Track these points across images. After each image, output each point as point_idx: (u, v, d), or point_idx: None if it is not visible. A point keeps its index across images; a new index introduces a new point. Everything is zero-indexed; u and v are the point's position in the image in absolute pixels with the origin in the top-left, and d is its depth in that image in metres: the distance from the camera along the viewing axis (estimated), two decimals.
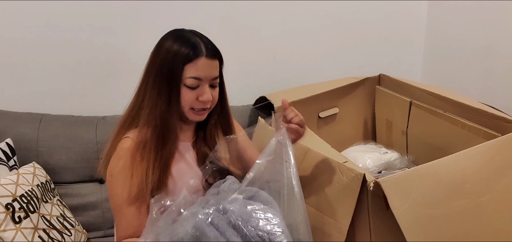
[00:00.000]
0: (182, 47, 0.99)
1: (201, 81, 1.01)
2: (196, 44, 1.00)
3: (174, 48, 1.00)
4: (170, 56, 0.99)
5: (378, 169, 1.59)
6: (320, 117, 1.69)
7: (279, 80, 1.89)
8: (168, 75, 0.99)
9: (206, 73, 1.01)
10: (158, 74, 1.00)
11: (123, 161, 1.00)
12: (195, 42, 1.01)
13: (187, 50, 0.99)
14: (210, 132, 1.12)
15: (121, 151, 1.01)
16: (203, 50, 1.00)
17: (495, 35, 1.74)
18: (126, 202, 1.00)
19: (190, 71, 0.99)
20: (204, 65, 1.00)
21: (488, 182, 1.02)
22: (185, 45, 0.99)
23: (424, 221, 0.94)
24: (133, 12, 1.65)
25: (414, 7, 2.05)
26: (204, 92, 1.02)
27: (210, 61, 1.01)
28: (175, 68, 0.99)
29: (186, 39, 1.01)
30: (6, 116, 1.53)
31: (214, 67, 1.03)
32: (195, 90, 1.01)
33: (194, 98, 1.01)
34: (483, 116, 1.30)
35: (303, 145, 1.19)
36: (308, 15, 1.90)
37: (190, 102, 1.01)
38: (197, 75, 1.00)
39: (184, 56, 0.98)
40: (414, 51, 2.14)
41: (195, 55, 0.99)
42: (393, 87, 1.69)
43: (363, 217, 1.01)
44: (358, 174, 1.00)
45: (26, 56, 1.59)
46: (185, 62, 0.99)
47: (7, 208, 1.22)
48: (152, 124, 1.00)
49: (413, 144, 1.61)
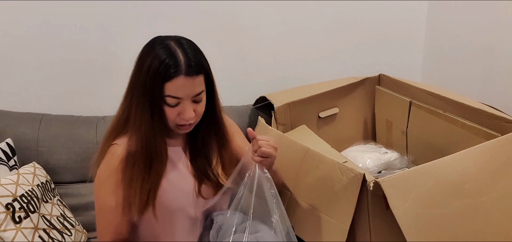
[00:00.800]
0: (161, 65, 0.95)
1: (181, 99, 0.98)
2: (175, 62, 0.96)
3: (154, 65, 0.96)
4: (151, 74, 0.96)
5: (378, 169, 1.59)
6: (320, 117, 1.69)
7: (279, 80, 1.89)
8: (149, 94, 0.97)
9: (185, 92, 0.98)
10: (141, 91, 0.98)
11: (111, 169, 1.01)
12: (175, 58, 0.96)
13: (165, 68, 0.95)
14: (202, 139, 1.10)
15: (111, 158, 1.02)
16: (182, 68, 0.96)
17: (495, 35, 1.74)
18: (109, 209, 1.01)
19: (169, 89, 0.96)
20: (183, 84, 0.97)
21: (488, 182, 1.02)
22: (164, 63, 0.95)
23: (424, 221, 0.94)
24: (134, 12, 1.65)
25: (414, 7, 2.05)
26: (185, 110, 0.99)
27: (190, 79, 0.97)
28: (155, 87, 0.96)
29: (167, 55, 0.96)
30: (6, 116, 1.53)
31: (195, 84, 0.98)
32: (176, 108, 0.99)
33: (175, 115, 1.00)
34: (483, 116, 1.30)
35: (303, 145, 1.19)
36: (308, 15, 1.90)
37: (172, 119, 1.00)
38: (175, 94, 0.97)
39: (162, 75, 0.95)
40: (414, 51, 2.14)
41: (174, 74, 0.95)
42: (393, 87, 1.69)
43: (363, 217, 1.01)
44: (358, 174, 1.00)
45: (26, 56, 1.59)
46: (164, 81, 0.96)
47: (7, 208, 1.22)
48: (140, 144, 1.00)
49: (413, 144, 1.61)
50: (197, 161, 1.10)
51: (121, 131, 1.04)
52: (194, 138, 1.11)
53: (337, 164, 1.06)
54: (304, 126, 1.57)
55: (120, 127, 1.04)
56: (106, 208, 1.02)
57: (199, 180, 1.09)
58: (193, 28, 1.74)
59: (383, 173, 1.59)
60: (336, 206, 1.05)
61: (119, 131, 1.05)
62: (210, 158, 1.10)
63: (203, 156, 1.10)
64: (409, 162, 1.62)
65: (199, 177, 1.09)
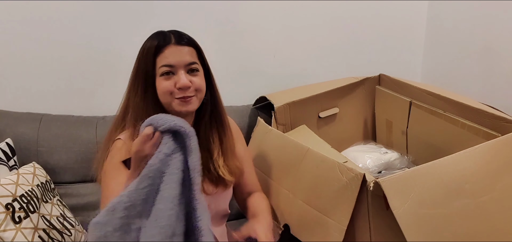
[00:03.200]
0: (151, 42, 1.03)
1: (174, 67, 1.02)
2: (165, 36, 1.04)
3: (145, 46, 1.04)
4: (144, 54, 1.04)
5: (378, 169, 1.59)
6: (320, 117, 1.69)
7: (279, 80, 1.89)
8: (143, 72, 1.03)
9: (177, 59, 1.02)
10: (136, 75, 1.05)
11: (116, 158, 1.02)
12: (163, 35, 1.05)
13: (155, 42, 1.03)
14: (204, 131, 1.11)
15: (114, 150, 1.03)
16: (171, 39, 1.03)
17: (495, 35, 1.74)
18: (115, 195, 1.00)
19: (160, 61, 1.02)
20: (174, 51, 1.03)
21: (488, 182, 1.02)
22: (153, 40, 1.04)
23: (424, 221, 0.94)
24: (134, 12, 1.65)
25: (414, 7, 2.05)
26: (180, 78, 1.02)
27: (179, 47, 1.03)
28: (147, 63, 1.02)
29: (156, 35, 1.05)
30: (6, 116, 1.53)
31: (185, 53, 1.04)
32: (172, 79, 1.03)
33: (172, 86, 1.02)
34: (483, 116, 1.30)
35: (303, 145, 1.19)
36: (308, 14, 1.90)
37: (169, 90, 1.02)
38: (167, 62, 1.02)
39: (153, 49, 1.02)
40: (414, 51, 2.14)
41: (163, 45, 1.02)
42: (393, 87, 1.69)
43: (363, 217, 1.01)
44: (358, 174, 0.99)
45: (26, 56, 1.60)
46: (156, 55, 1.02)
47: (7, 208, 1.22)
48: (133, 124, 1.02)
49: (413, 144, 1.61)
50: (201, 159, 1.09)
51: (122, 124, 1.06)
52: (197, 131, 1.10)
53: (337, 164, 1.06)
54: (304, 126, 1.57)
55: (121, 120, 1.07)
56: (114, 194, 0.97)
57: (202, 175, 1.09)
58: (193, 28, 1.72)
59: (383, 173, 1.59)
60: (335, 206, 1.05)
61: (120, 125, 1.07)
62: (212, 151, 1.11)
63: (205, 149, 1.10)
64: (409, 162, 1.62)
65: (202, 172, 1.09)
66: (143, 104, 1.03)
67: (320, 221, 1.08)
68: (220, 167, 1.10)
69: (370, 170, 1.56)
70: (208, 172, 1.10)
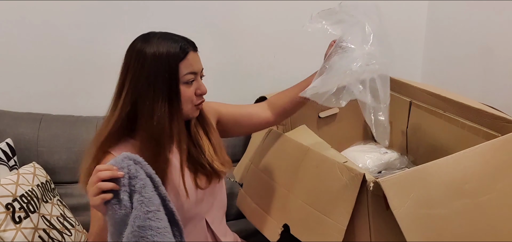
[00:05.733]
0: (170, 47, 0.99)
1: (196, 74, 1.05)
2: (182, 41, 1.02)
3: (162, 51, 0.98)
4: (163, 59, 0.98)
5: (378, 169, 1.59)
6: (320, 117, 1.69)
7: (279, 80, 1.89)
8: (163, 79, 0.98)
9: (198, 66, 1.05)
10: (150, 81, 0.98)
11: None
12: (178, 39, 1.02)
13: (176, 48, 1.00)
14: (193, 131, 1.12)
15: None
16: (189, 45, 1.03)
17: (495, 35, 1.74)
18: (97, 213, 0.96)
19: (185, 67, 1.01)
20: (194, 58, 1.04)
21: (488, 182, 1.02)
22: (171, 45, 1.00)
23: (424, 221, 0.94)
24: (134, 13, 1.65)
25: (414, 7, 2.05)
26: (200, 84, 1.06)
27: (196, 54, 1.05)
28: (171, 69, 0.99)
29: (168, 38, 1.01)
30: (6, 116, 1.53)
31: (199, 59, 1.07)
32: (192, 85, 1.04)
33: (193, 93, 1.04)
34: (483, 116, 1.30)
35: (303, 145, 1.19)
36: (308, 15, 1.90)
37: (191, 98, 1.04)
38: (192, 70, 1.03)
39: (176, 55, 1.00)
40: (414, 51, 2.14)
41: (186, 51, 1.01)
42: (393, 87, 1.69)
43: (363, 217, 1.01)
44: (357, 174, 0.99)
45: (26, 56, 1.60)
46: (179, 60, 1.00)
47: (7, 208, 1.22)
48: (149, 134, 0.98)
49: (413, 144, 1.61)
50: (190, 152, 1.10)
51: (120, 135, 1.01)
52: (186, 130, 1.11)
53: (337, 164, 1.06)
54: (304, 126, 1.57)
55: (121, 130, 1.01)
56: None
57: (194, 171, 1.09)
58: (193, 28, 1.74)
59: (383, 173, 1.59)
60: (334, 206, 1.05)
61: (117, 136, 1.01)
62: (202, 146, 1.11)
63: (196, 145, 1.11)
64: (409, 162, 1.62)
65: (194, 168, 1.10)
66: (170, 114, 0.99)
67: (320, 221, 1.08)
68: (213, 161, 1.11)
69: (370, 170, 1.56)
70: (202, 167, 1.10)
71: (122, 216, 0.85)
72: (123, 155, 0.88)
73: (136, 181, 0.86)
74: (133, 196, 0.86)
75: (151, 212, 0.85)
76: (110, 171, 0.84)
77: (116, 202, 0.84)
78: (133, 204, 0.85)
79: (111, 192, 0.84)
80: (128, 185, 0.86)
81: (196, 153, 1.10)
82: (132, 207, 0.85)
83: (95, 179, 0.84)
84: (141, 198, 0.85)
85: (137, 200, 0.85)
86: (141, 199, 0.85)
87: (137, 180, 0.86)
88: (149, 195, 0.87)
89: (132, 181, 0.86)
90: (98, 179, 0.84)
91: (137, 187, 0.86)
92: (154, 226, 0.85)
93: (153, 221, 0.85)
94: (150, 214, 0.85)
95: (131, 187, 0.86)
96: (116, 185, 0.84)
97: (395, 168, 1.60)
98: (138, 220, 0.84)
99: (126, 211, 0.85)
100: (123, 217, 0.85)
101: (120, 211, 0.84)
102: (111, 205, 0.84)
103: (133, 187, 0.86)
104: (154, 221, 0.85)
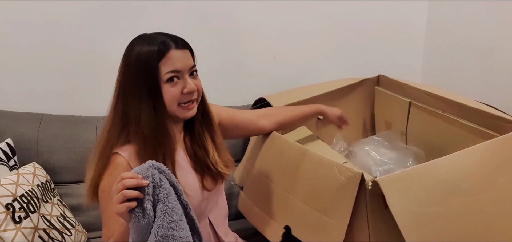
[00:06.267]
0: (151, 46, 0.99)
1: (180, 72, 1.01)
2: (163, 39, 1.00)
3: (143, 50, 0.99)
4: (143, 59, 0.98)
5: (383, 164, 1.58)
6: (319, 118, 1.69)
7: (279, 80, 1.90)
8: (145, 79, 0.98)
9: (182, 63, 1.01)
10: (135, 82, 0.99)
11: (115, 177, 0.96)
12: (161, 37, 1.01)
13: (156, 47, 0.98)
14: (198, 131, 1.11)
15: (116, 169, 0.98)
16: (171, 43, 1.00)
17: (495, 35, 1.74)
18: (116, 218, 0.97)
19: (166, 66, 0.99)
20: (177, 56, 1.00)
21: (486, 181, 1.02)
22: (152, 44, 0.99)
23: (422, 220, 0.94)
24: (134, 12, 1.66)
25: (414, 7, 2.06)
26: (187, 82, 1.01)
27: (181, 51, 1.01)
28: (150, 69, 0.98)
29: (152, 38, 1.01)
30: (6, 116, 1.53)
31: (187, 56, 1.03)
32: (178, 84, 1.01)
33: (179, 93, 1.01)
34: (482, 116, 1.30)
35: (301, 146, 1.20)
36: (307, 15, 1.91)
37: (176, 97, 1.01)
38: (174, 68, 1.00)
39: (155, 54, 0.98)
40: (414, 51, 2.14)
41: (165, 49, 0.99)
42: (392, 88, 1.69)
43: (361, 216, 1.01)
44: (356, 173, 1.00)
45: (26, 56, 1.60)
46: (158, 59, 0.98)
47: (7, 208, 1.23)
48: (142, 136, 0.98)
49: (413, 144, 1.61)
50: (197, 154, 1.10)
51: (118, 137, 1.01)
52: (190, 131, 1.12)
53: (335, 164, 1.06)
54: (304, 127, 1.57)
55: (117, 133, 1.01)
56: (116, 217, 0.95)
57: (201, 173, 1.10)
58: (193, 28, 1.74)
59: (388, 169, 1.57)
60: (334, 206, 1.05)
61: (116, 138, 1.01)
62: (207, 148, 1.11)
63: (202, 147, 1.11)
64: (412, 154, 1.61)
65: (201, 170, 1.10)
66: (155, 115, 0.99)
67: (320, 221, 1.08)
68: (217, 163, 1.11)
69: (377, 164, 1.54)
70: (208, 169, 1.10)
71: (145, 224, 0.86)
72: (148, 164, 0.88)
73: (160, 190, 0.87)
74: (156, 205, 0.87)
75: (174, 222, 0.87)
76: (135, 179, 0.84)
77: (140, 211, 0.85)
78: (156, 213, 0.87)
79: (136, 200, 0.85)
80: (152, 194, 0.86)
81: (201, 154, 1.10)
82: (155, 216, 0.87)
83: (120, 186, 0.83)
84: (165, 208, 0.86)
85: (160, 210, 0.86)
86: (165, 209, 0.86)
87: (161, 190, 0.87)
88: (173, 204, 0.88)
89: (156, 190, 0.87)
90: (123, 187, 0.83)
91: (161, 197, 0.87)
92: (177, 236, 0.87)
93: (176, 230, 0.87)
94: (173, 223, 0.87)
95: (155, 196, 0.87)
96: (140, 193, 0.85)
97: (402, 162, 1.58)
98: (162, 229, 0.85)
99: (149, 220, 0.86)
100: (146, 225, 0.86)
101: (144, 220, 0.85)
102: (135, 214, 0.85)
103: (156, 196, 0.87)
104: (177, 231, 0.87)
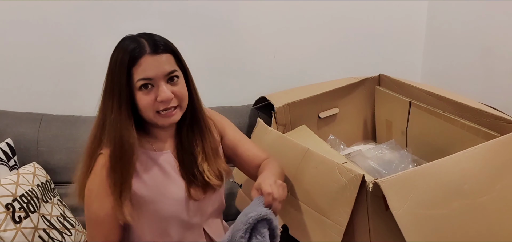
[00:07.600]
0: (123, 53, 0.95)
1: (153, 80, 0.96)
2: (138, 45, 0.95)
3: (119, 55, 0.96)
4: (116, 67, 0.95)
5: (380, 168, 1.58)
6: (320, 117, 1.69)
7: (279, 80, 1.89)
8: (117, 87, 0.95)
9: (154, 71, 0.95)
10: (110, 89, 0.97)
11: (99, 178, 0.97)
12: (137, 43, 0.96)
13: (128, 54, 0.94)
14: (186, 135, 1.08)
15: (97, 168, 0.98)
16: (146, 48, 0.95)
17: (495, 35, 1.74)
18: (98, 220, 0.98)
19: (137, 73, 0.95)
20: (150, 62, 0.95)
21: (487, 182, 1.02)
22: (126, 50, 0.95)
23: (424, 222, 0.94)
24: (134, 13, 1.65)
25: (414, 7, 2.05)
26: (161, 90, 0.96)
27: (156, 57, 0.96)
28: (121, 77, 0.95)
29: (127, 43, 0.97)
30: (6, 116, 1.53)
31: (163, 62, 0.97)
32: (152, 92, 0.97)
33: (152, 101, 0.97)
34: (483, 116, 1.30)
35: (302, 146, 1.19)
36: (308, 15, 1.90)
37: (150, 105, 0.97)
38: (145, 76, 0.95)
39: (126, 62, 0.94)
40: (414, 51, 2.14)
41: (138, 55, 0.94)
42: (393, 87, 1.69)
43: (362, 218, 1.01)
44: (357, 174, 0.99)
45: (26, 56, 1.60)
46: (130, 67, 0.94)
47: (7, 208, 1.22)
48: (113, 143, 0.97)
49: (413, 144, 1.61)
50: (185, 160, 1.07)
51: (101, 138, 1.00)
52: (179, 136, 1.09)
53: (336, 164, 1.06)
54: (304, 126, 1.57)
55: (98, 138, 1.00)
56: (96, 218, 0.98)
57: (188, 181, 1.06)
58: (193, 28, 1.74)
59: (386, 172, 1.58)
60: (334, 206, 1.05)
61: (99, 139, 1.00)
62: (196, 155, 1.08)
63: (189, 153, 1.07)
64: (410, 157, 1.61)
65: (188, 179, 1.06)
66: (118, 121, 0.96)
67: (319, 221, 1.08)
68: (205, 172, 1.06)
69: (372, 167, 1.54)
70: (194, 177, 1.06)
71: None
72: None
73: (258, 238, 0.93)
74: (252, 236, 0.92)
75: None
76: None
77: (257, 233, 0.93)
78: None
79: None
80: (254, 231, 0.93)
81: (188, 160, 1.07)
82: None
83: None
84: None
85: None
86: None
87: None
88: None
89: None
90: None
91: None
92: None
93: None
94: None
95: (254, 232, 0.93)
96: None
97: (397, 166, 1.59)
98: None
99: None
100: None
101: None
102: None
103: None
104: None
